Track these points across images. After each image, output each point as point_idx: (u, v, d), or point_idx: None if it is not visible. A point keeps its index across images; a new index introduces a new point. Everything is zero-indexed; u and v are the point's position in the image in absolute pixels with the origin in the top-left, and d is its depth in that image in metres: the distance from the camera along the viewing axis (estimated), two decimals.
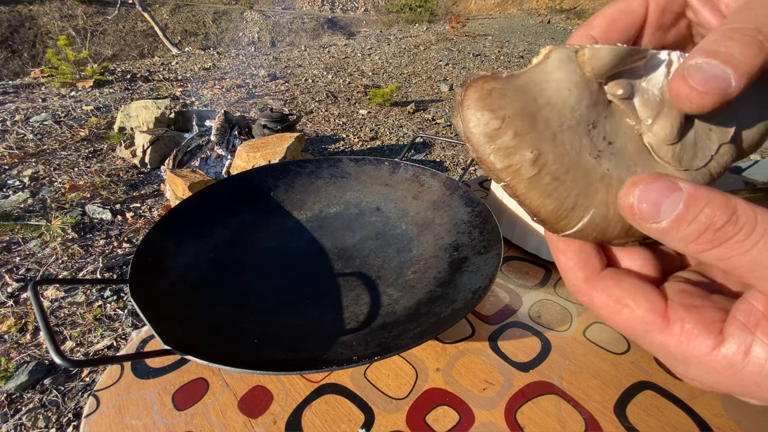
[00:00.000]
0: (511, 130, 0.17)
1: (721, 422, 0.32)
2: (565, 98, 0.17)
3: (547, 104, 0.17)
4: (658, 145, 0.17)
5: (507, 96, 0.17)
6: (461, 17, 7.09)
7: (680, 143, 0.17)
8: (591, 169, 0.17)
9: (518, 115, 0.17)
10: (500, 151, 0.17)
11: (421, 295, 0.40)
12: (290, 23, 9.08)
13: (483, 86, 0.17)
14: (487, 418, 0.32)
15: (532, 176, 0.17)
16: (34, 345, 1.18)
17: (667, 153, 0.17)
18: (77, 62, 3.40)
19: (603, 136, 0.17)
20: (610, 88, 0.18)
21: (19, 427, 0.98)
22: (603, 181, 0.17)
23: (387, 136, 2.78)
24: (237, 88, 3.51)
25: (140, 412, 0.34)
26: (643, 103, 0.17)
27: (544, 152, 0.17)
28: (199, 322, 0.36)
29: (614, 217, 0.17)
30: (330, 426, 0.32)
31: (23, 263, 1.47)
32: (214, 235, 0.48)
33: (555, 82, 0.17)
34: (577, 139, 0.17)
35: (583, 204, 0.17)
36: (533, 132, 0.17)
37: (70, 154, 2.22)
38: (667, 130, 0.17)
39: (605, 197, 0.17)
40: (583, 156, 0.17)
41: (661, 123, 0.17)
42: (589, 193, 0.17)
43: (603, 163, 0.17)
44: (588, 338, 0.39)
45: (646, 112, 0.17)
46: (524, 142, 0.17)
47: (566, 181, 0.17)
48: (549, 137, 0.17)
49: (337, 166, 0.58)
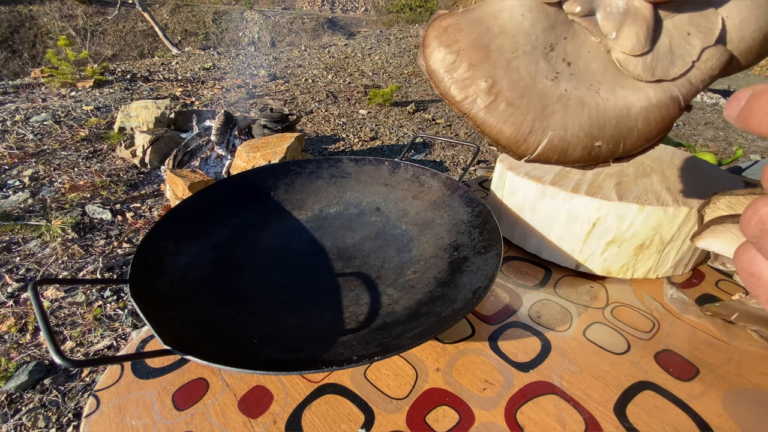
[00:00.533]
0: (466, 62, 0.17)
1: (721, 422, 0.32)
2: (519, 23, 0.17)
3: (501, 32, 0.17)
4: (626, 59, 0.17)
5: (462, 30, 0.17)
6: None
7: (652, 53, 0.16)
8: (547, 92, 0.17)
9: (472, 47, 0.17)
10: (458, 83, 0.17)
11: (421, 295, 0.40)
12: (290, 23, 9.08)
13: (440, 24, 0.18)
14: (487, 418, 0.32)
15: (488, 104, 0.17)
16: (34, 345, 1.18)
17: (636, 65, 0.17)
18: (77, 62, 3.40)
19: (563, 57, 0.17)
20: (568, 6, 0.17)
21: (19, 427, 0.98)
22: (560, 102, 0.17)
23: (387, 136, 2.78)
24: (237, 88, 3.51)
25: (140, 412, 0.34)
26: (606, 16, 0.17)
27: (498, 80, 0.17)
28: (199, 322, 0.36)
29: (574, 139, 0.16)
30: (330, 426, 0.32)
31: (23, 263, 1.47)
32: (214, 235, 0.48)
33: (508, 9, 0.17)
34: (533, 64, 0.17)
35: (540, 127, 0.17)
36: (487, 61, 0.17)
37: (70, 154, 2.22)
38: (633, 40, 0.16)
39: (562, 118, 0.16)
40: (538, 79, 0.17)
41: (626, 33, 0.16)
42: (545, 115, 0.17)
43: (561, 85, 0.17)
44: (588, 338, 0.39)
45: (609, 25, 0.17)
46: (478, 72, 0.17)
47: (521, 106, 0.17)
48: (503, 65, 0.17)
49: (337, 166, 0.58)
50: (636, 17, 0.16)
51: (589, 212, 0.43)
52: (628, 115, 0.16)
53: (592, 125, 0.16)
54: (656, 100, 0.16)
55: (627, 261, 0.45)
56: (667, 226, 0.42)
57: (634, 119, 0.16)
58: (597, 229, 0.43)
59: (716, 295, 0.45)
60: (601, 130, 0.16)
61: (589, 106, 0.16)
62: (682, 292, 0.44)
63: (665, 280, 0.46)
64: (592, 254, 0.45)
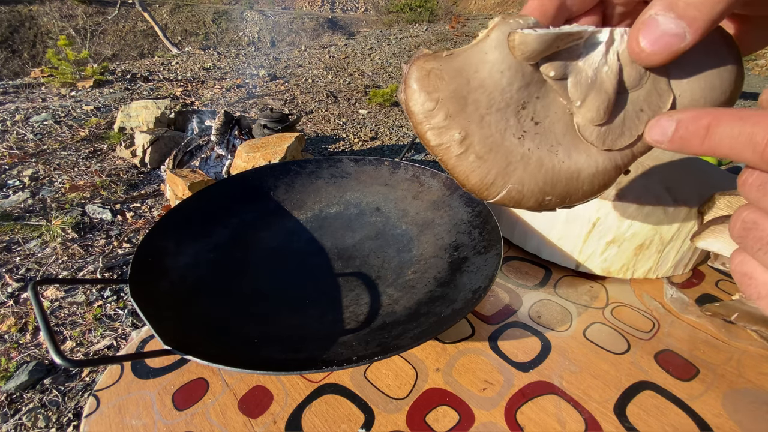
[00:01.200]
0: (443, 112, 0.18)
1: (721, 422, 0.32)
2: (497, 80, 0.18)
3: (480, 86, 0.18)
4: (584, 126, 0.18)
5: (443, 78, 0.18)
6: (461, 17, 7.08)
7: (607, 124, 0.18)
8: (513, 150, 0.18)
9: (450, 98, 0.18)
10: (434, 130, 0.19)
11: (421, 295, 0.40)
12: (290, 23, 9.08)
13: (424, 65, 0.19)
14: (487, 418, 0.32)
15: (459, 154, 0.18)
16: (34, 345, 1.18)
17: (592, 133, 0.18)
18: (77, 62, 3.40)
19: (531, 116, 0.19)
20: (544, 69, 0.18)
21: (19, 427, 0.98)
22: (522, 161, 0.19)
23: (387, 136, 2.78)
24: (237, 88, 3.51)
25: (140, 412, 0.34)
26: (575, 84, 0.18)
27: (470, 133, 0.18)
28: (199, 322, 0.36)
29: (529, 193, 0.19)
30: (330, 426, 0.32)
31: (23, 263, 1.47)
32: (214, 235, 0.48)
33: (489, 63, 0.18)
34: (504, 121, 0.18)
35: (501, 182, 0.19)
36: (462, 114, 0.18)
37: (70, 154, 2.22)
38: (593, 112, 0.18)
39: (522, 175, 0.19)
40: (507, 137, 0.18)
41: (589, 105, 0.18)
42: (507, 172, 0.19)
43: (525, 144, 0.19)
44: (588, 338, 0.39)
45: (577, 94, 0.18)
46: (454, 123, 0.18)
47: (488, 161, 0.18)
48: (477, 119, 0.18)
49: (337, 166, 0.58)
50: (599, 91, 0.18)
51: (589, 212, 0.43)
52: (577, 178, 0.19)
53: (545, 183, 0.19)
54: (602, 167, 0.19)
55: (627, 261, 0.45)
56: (667, 226, 0.41)
57: (581, 182, 0.19)
58: (597, 229, 0.43)
59: (716, 295, 0.45)
60: (552, 188, 0.19)
61: (546, 167, 0.19)
62: (682, 292, 0.44)
63: (665, 280, 0.46)
64: (592, 254, 0.45)
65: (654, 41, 0.15)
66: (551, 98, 0.19)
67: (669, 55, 0.15)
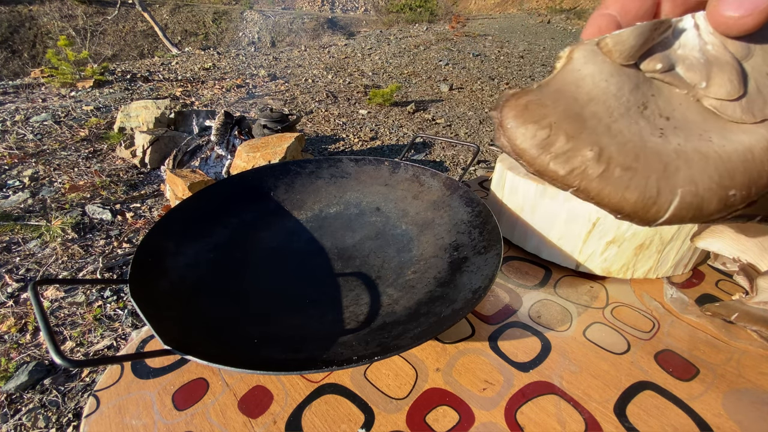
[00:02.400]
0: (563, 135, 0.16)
1: (721, 422, 0.32)
2: (605, 89, 0.16)
3: (590, 100, 0.16)
4: (723, 105, 0.16)
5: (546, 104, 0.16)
6: (461, 17, 7.09)
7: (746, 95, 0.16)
8: (661, 149, 0.16)
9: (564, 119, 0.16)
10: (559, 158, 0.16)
11: (421, 295, 0.40)
12: (290, 23, 9.08)
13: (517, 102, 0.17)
14: (487, 418, 0.32)
15: (600, 173, 0.15)
16: (34, 345, 1.18)
17: (735, 110, 0.16)
18: (77, 62, 3.40)
19: (659, 113, 0.16)
20: (646, 65, 0.17)
21: (19, 427, 0.98)
22: (680, 158, 0.15)
23: (387, 136, 2.78)
24: (237, 88, 3.51)
25: (140, 412, 0.34)
26: (689, 68, 0.16)
27: (605, 146, 0.16)
28: (199, 322, 0.36)
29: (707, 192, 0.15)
30: (330, 426, 0.32)
31: (23, 263, 1.47)
32: (214, 235, 0.48)
33: (589, 77, 0.17)
34: (635, 124, 0.16)
35: (667, 186, 0.15)
36: (585, 130, 0.16)
37: (70, 155, 2.22)
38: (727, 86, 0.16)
39: (689, 173, 0.15)
40: (647, 138, 0.16)
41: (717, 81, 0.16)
42: (668, 173, 0.15)
43: (671, 140, 0.16)
44: (588, 338, 0.39)
45: (697, 76, 0.16)
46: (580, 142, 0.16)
47: (639, 168, 0.15)
48: (604, 130, 0.16)
49: (337, 166, 0.58)
50: (721, 64, 0.16)
51: (589, 212, 0.43)
52: (752, 159, 0.15)
53: (721, 175, 0.15)
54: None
55: (627, 261, 0.45)
56: (666, 226, 0.42)
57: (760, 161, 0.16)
58: (597, 229, 0.43)
59: (716, 295, 0.45)
60: (732, 178, 0.15)
61: (711, 156, 0.15)
62: (682, 292, 0.44)
63: (665, 280, 0.46)
64: (592, 254, 0.45)
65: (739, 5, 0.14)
66: (667, 92, 0.17)
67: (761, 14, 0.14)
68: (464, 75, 4.14)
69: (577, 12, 8.50)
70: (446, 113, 3.22)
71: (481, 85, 3.88)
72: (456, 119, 3.12)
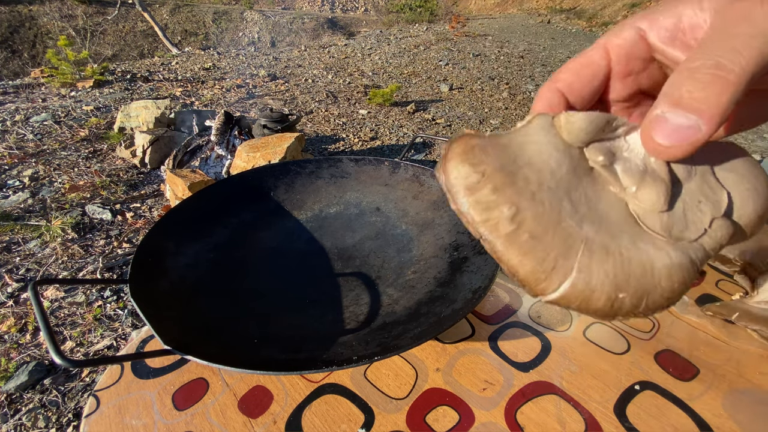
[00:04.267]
0: (491, 185, 0.16)
1: (721, 422, 0.32)
2: (545, 160, 0.17)
3: (528, 164, 0.17)
4: (645, 214, 0.17)
5: (488, 152, 0.17)
6: (461, 17, 7.09)
7: (669, 213, 0.17)
8: (572, 232, 0.16)
9: (498, 171, 0.17)
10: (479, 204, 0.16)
11: (421, 295, 0.40)
12: (290, 23, 9.08)
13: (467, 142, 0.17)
14: (487, 418, 0.32)
15: (509, 232, 0.16)
16: (34, 345, 1.18)
17: (655, 222, 0.17)
18: (77, 62, 3.40)
19: (585, 200, 0.17)
20: (590, 153, 0.17)
21: (19, 427, 0.98)
22: (585, 245, 0.16)
23: (387, 136, 2.78)
24: (237, 88, 3.51)
25: (140, 412, 0.34)
26: (626, 171, 0.17)
27: (522, 209, 0.16)
28: (199, 322, 0.36)
29: (598, 285, 0.16)
30: (330, 426, 0.32)
31: (23, 263, 1.47)
32: (214, 235, 0.48)
33: (536, 144, 0.17)
34: (557, 202, 0.16)
35: (564, 266, 0.16)
36: (512, 188, 0.16)
37: (70, 154, 2.22)
38: (653, 197, 0.16)
39: (588, 262, 0.16)
40: (563, 218, 0.16)
41: (646, 190, 0.17)
42: (569, 255, 0.16)
43: (584, 228, 0.16)
44: (588, 338, 0.39)
45: (630, 180, 0.17)
46: (503, 197, 0.16)
47: (545, 241, 0.16)
48: (528, 195, 0.16)
49: (337, 166, 0.58)
50: (655, 177, 0.16)
51: None
52: (651, 271, 0.16)
53: (617, 274, 0.16)
54: (677, 260, 0.16)
55: None
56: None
57: (657, 276, 0.16)
58: None
59: (716, 295, 0.45)
60: (626, 282, 0.16)
61: (613, 255, 0.16)
62: None
63: None
64: None
65: (668, 135, 0.15)
66: (601, 185, 0.17)
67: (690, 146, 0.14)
68: (464, 75, 4.14)
69: (577, 12, 8.49)
70: (446, 113, 3.22)
71: (481, 85, 3.88)
72: (456, 119, 3.12)
